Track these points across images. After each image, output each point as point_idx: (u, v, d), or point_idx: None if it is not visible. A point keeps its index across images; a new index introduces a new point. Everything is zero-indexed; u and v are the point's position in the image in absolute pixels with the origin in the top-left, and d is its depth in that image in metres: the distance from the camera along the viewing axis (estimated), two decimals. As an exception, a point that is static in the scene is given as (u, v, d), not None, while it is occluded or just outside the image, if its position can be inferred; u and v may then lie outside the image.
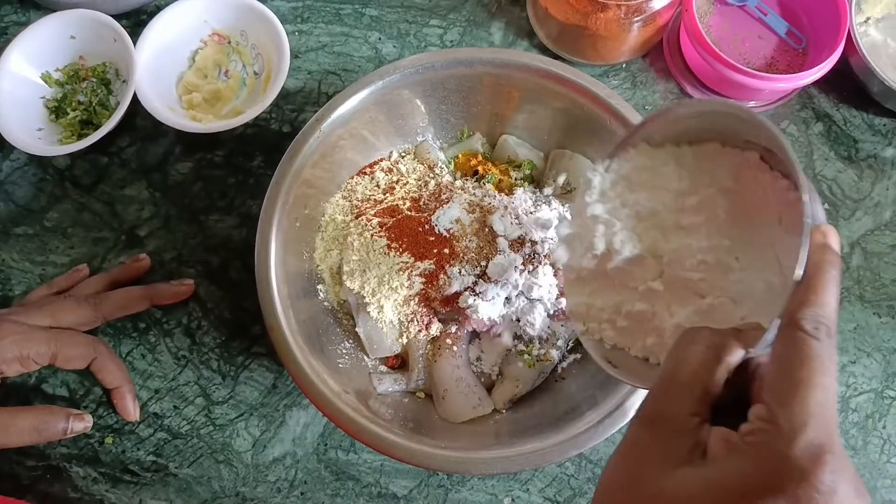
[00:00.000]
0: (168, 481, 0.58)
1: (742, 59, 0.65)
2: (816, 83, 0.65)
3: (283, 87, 0.64)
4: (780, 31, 0.67)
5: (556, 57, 0.67)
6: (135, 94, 0.62)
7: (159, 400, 0.60)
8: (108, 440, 0.59)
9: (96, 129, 0.62)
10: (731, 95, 0.65)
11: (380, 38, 0.69)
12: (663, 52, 0.68)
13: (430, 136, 0.62)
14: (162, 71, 0.66)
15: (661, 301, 0.39)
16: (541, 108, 0.59)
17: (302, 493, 0.57)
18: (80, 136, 0.64)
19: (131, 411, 0.58)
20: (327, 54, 0.68)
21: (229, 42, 0.68)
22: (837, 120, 0.67)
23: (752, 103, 0.66)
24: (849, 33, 0.62)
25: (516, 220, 0.55)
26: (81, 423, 0.55)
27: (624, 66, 0.68)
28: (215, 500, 0.57)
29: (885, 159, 0.66)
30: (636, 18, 0.61)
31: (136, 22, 0.69)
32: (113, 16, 0.64)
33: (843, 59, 0.63)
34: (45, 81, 0.66)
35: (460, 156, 0.62)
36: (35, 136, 0.64)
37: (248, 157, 0.65)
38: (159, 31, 0.65)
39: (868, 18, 0.67)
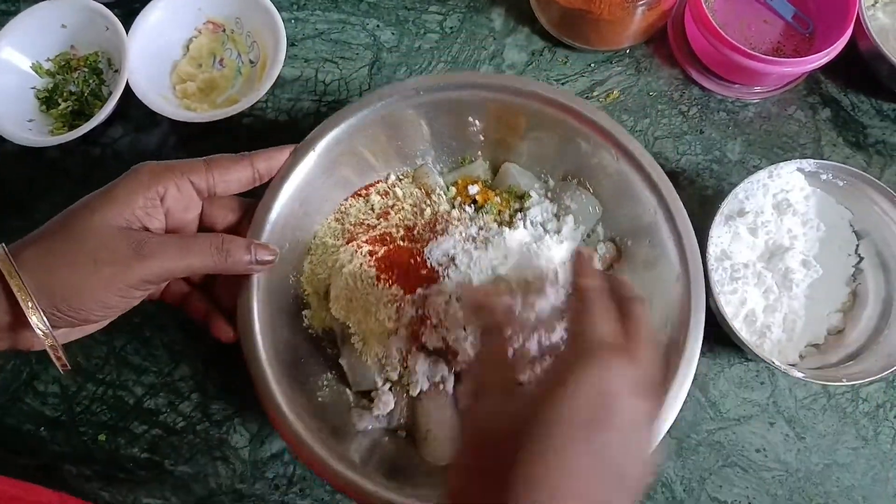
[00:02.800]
0: (163, 479, 0.56)
1: (748, 44, 0.64)
2: (824, 68, 0.64)
3: (279, 76, 0.63)
4: (787, 15, 0.65)
5: (557, 43, 0.66)
6: (127, 84, 0.61)
7: (154, 396, 0.58)
8: (102, 437, 0.57)
9: (88, 119, 0.61)
10: (738, 80, 0.64)
11: (378, 26, 0.67)
12: (668, 38, 0.66)
13: (431, 160, 0.59)
14: (155, 60, 0.64)
15: None
16: (546, 137, 0.56)
17: (301, 490, 0.56)
18: (72, 127, 0.62)
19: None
20: (324, 42, 0.67)
21: (224, 30, 0.67)
22: (845, 105, 0.65)
23: (758, 88, 0.65)
24: (857, 17, 0.61)
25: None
26: (266, 252, 0.48)
27: (627, 51, 0.66)
28: (212, 497, 0.56)
29: (894, 145, 0.64)
30: (640, 2, 0.59)
31: (128, 10, 0.67)
32: (105, 4, 0.63)
33: (851, 44, 0.62)
34: (36, 72, 0.65)
35: (460, 181, 0.58)
36: (26, 127, 0.63)
37: (244, 147, 0.63)
38: (152, 19, 0.64)
39: (876, 2, 0.65)
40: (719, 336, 0.55)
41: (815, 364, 0.57)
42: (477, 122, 0.57)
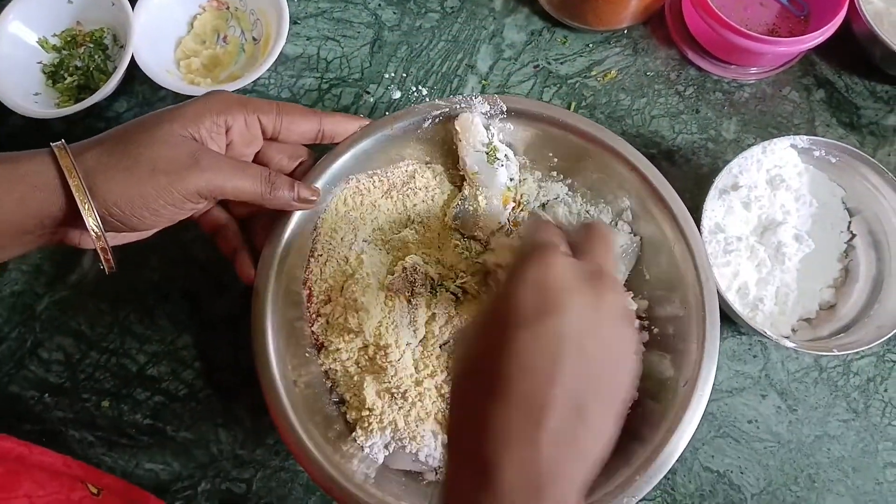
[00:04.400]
0: (165, 444, 0.57)
1: (744, 25, 0.64)
2: (818, 50, 0.65)
3: (282, 53, 0.64)
4: (782, -3, 0.67)
5: (556, 23, 0.67)
6: (132, 60, 0.62)
7: (157, 364, 0.59)
8: (105, 404, 0.58)
9: (93, 93, 0.62)
10: (733, 61, 0.65)
11: (379, 4, 0.68)
12: (665, 18, 0.67)
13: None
14: (160, 36, 0.65)
15: None
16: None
17: (301, 456, 0.57)
18: (78, 101, 0.63)
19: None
20: (326, 20, 0.68)
21: (228, 7, 0.67)
22: (839, 87, 0.66)
23: (753, 69, 0.66)
24: (851, 0, 0.62)
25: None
26: (309, 192, 0.49)
27: (625, 32, 0.67)
28: (213, 462, 0.57)
29: (887, 126, 0.65)
30: (638, -18, 0.61)
31: (133, -13, 0.68)
32: (110, -21, 0.64)
33: (846, 26, 0.63)
34: (42, 47, 0.66)
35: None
36: (32, 100, 0.64)
37: (247, 123, 0.65)
38: (157, -5, 0.65)
39: (870, -15, 0.66)
40: (713, 309, 0.56)
41: (807, 338, 0.58)
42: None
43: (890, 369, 0.60)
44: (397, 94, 0.66)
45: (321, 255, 0.54)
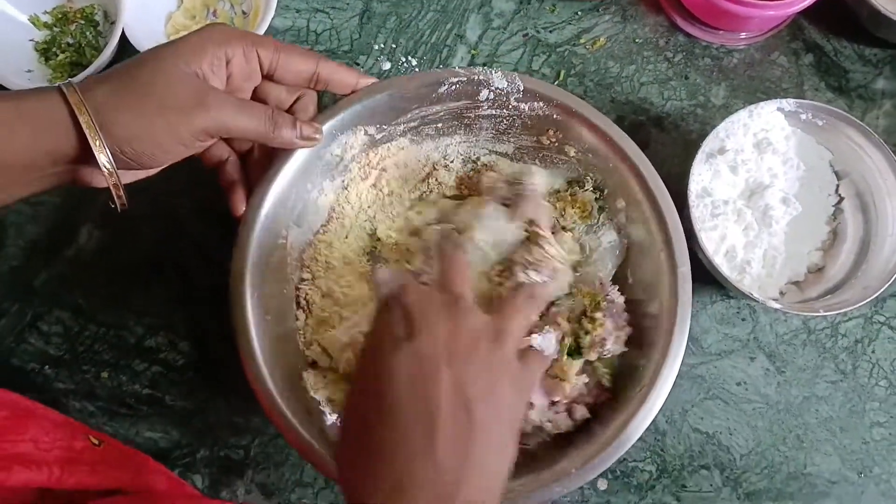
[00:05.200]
0: (164, 413, 0.58)
1: (732, -10, 0.65)
2: (807, 13, 0.65)
3: (271, 26, 0.64)
4: (771, -39, 0.66)
5: (545, -9, 0.67)
6: (123, 36, 0.62)
7: (154, 335, 0.60)
8: (104, 375, 0.59)
9: (85, 69, 0.62)
10: (722, 26, 0.65)
11: (368, -24, 0.68)
12: (653, -15, 0.67)
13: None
14: (150, 11, 0.66)
15: None
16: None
17: (297, 423, 0.58)
18: (70, 77, 0.64)
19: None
20: (315, -8, 0.68)
21: (217, -19, 0.68)
22: (828, 51, 0.66)
23: (742, 35, 0.66)
24: (839, -39, 0.62)
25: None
26: (311, 130, 0.50)
27: (614, -1, 0.67)
28: (210, 430, 0.58)
29: (875, 90, 0.65)
30: (625, -53, 0.60)
31: (122, -37, 0.68)
32: (99, -45, 0.64)
33: (834, -11, 0.63)
34: (34, 24, 0.66)
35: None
36: (25, 77, 0.64)
37: (238, 97, 0.65)
38: (147, -29, 0.65)
39: (859, -53, 0.66)
40: (701, 273, 0.57)
41: (796, 300, 0.58)
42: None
43: (877, 331, 0.60)
44: (387, 66, 0.66)
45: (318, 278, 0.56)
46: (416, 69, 0.66)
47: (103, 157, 0.42)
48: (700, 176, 0.58)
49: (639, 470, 0.58)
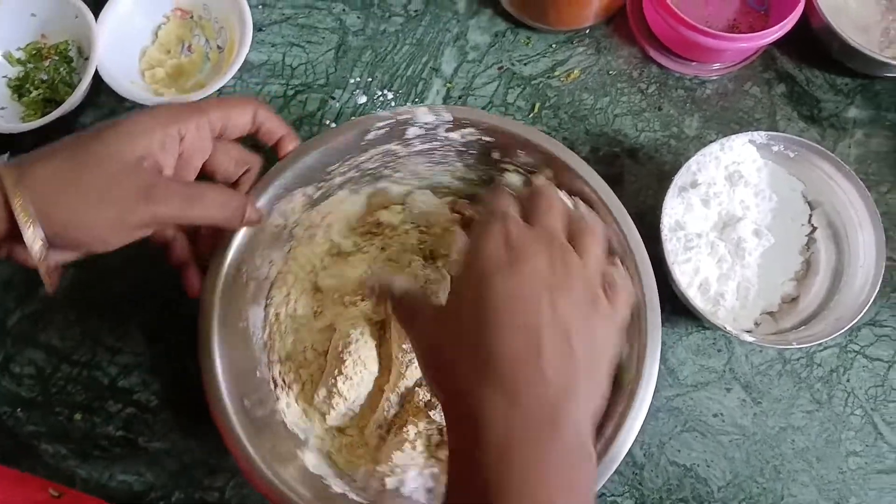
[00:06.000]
0: (138, 455, 0.58)
1: (704, 21, 0.65)
2: (779, 45, 0.65)
3: (247, 61, 0.64)
4: (742, -7, 0.67)
5: (519, 24, 0.68)
6: (97, 72, 0.62)
7: (128, 375, 0.59)
8: (77, 416, 0.58)
9: (59, 106, 0.62)
10: (695, 58, 0.66)
11: (343, 10, 0.69)
12: (627, 17, 0.68)
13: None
14: (124, 47, 0.65)
15: None
16: None
17: (273, 462, 0.58)
18: (44, 114, 0.64)
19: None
20: (291, 26, 0.68)
21: (192, 16, 0.68)
22: (800, 80, 0.67)
23: (715, 66, 0.66)
24: (809, -6, 0.63)
25: None
26: (256, 214, 0.49)
27: (588, 31, 0.68)
28: (185, 471, 0.57)
29: (848, 119, 0.66)
30: (596, -18, 0.61)
31: (97, -2, 0.68)
32: (72, -8, 0.64)
33: (805, 21, 0.64)
34: (7, 60, 0.66)
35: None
36: (-3, 114, 0.64)
37: (213, 132, 0.65)
38: (121, 6, 0.65)
39: (828, -21, 0.67)
40: (676, 306, 0.57)
41: (770, 330, 0.59)
42: None
43: (852, 360, 0.61)
44: (363, 99, 0.66)
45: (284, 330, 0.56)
46: (393, 103, 0.66)
47: (31, 238, 0.40)
48: (673, 210, 0.58)
49: (617, 504, 0.58)
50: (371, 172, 0.56)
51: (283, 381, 0.55)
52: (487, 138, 0.53)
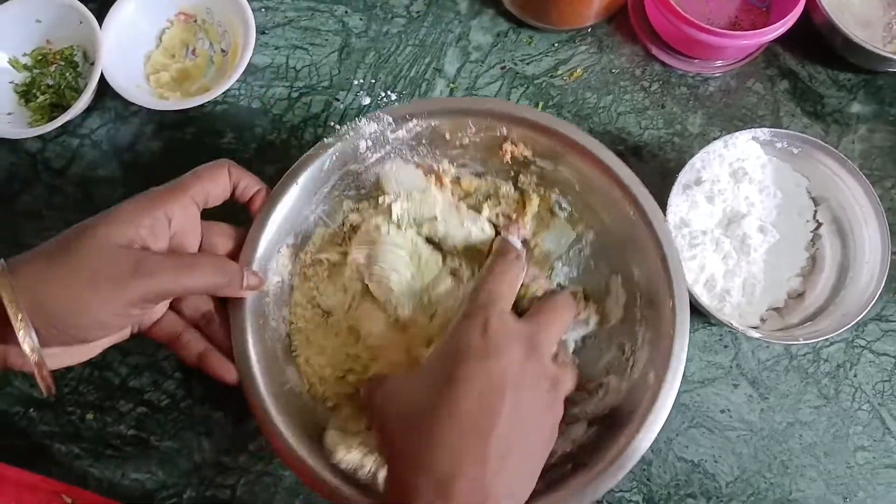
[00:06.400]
0: (150, 454, 0.58)
1: (706, 19, 0.66)
2: (781, 41, 0.66)
3: (251, 64, 0.65)
4: (744, -10, 0.67)
5: (521, 23, 0.68)
6: (103, 76, 0.62)
7: (138, 376, 0.60)
8: (90, 416, 0.59)
9: (66, 111, 0.62)
10: (697, 55, 0.66)
11: (346, 12, 0.69)
12: (629, 15, 0.68)
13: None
14: (129, 51, 0.66)
15: None
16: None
17: (282, 461, 0.58)
18: (51, 119, 0.64)
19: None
20: (294, 29, 0.69)
21: (196, 20, 0.68)
22: (803, 77, 0.67)
23: (718, 63, 0.66)
24: (811, -10, 0.63)
25: None
26: (255, 279, 0.49)
27: (590, 30, 0.68)
28: (197, 470, 0.58)
29: (851, 114, 0.66)
30: (598, -19, 0.61)
31: (101, 4, 0.68)
32: (78, -2, 0.64)
33: (807, 17, 0.64)
34: (13, 66, 0.66)
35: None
36: (5, 120, 0.64)
37: (219, 135, 0.66)
38: (125, 11, 0.65)
39: (830, -26, 0.67)
40: (682, 302, 0.57)
41: (777, 326, 0.59)
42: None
43: (859, 355, 0.61)
44: (367, 101, 0.67)
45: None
46: (396, 103, 0.66)
47: (23, 334, 0.40)
48: (677, 207, 0.58)
49: (625, 500, 0.58)
50: (337, 198, 0.56)
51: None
52: (434, 122, 0.53)
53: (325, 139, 0.52)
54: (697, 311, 0.57)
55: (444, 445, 0.39)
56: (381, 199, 0.55)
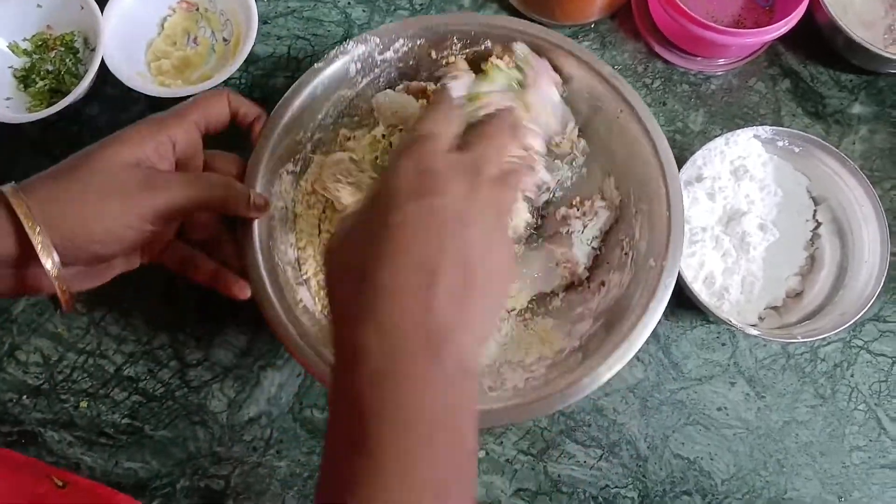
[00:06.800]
0: (143, 443, 0.58)
1: (709, 17, 0.66)
2: (783, 40, 0.66)
3: (252, 53, 0.65)
4: (747, -11, 0.67)
5: (525, 19, 0.68)
6: (104, 63, 0.62)
7: (133, 364, 0.60)
8: (83, 404, 0.59)
9: (65, 97, 0.62)
10: (700, 53, 0.66)
11: (349, 3, 0.69)
12: (632, 12, 0.68)
13: None
14: (130, 38, 0.66)
15: None
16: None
17: (278, 452, 0.58)
18: (50, 105, 0.64)
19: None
20: (296, 19, 0.68)
21: (198, 9, 0.68)
22: (805, 76, 0.67)
23: (721, 61, 0.66)
24: (814, -10, 0.63)
25: None
26: (261, 198, 0.50)
27: (593, 26, 0.68)
28: (190, 460, 0.58)
29: (852, 115, 0.66)
30: (602, -24, 0.61)
31: (104, -10, 0.68)
32: (80, -17, 0.64)
33: (809, 16, 0.64)
34: (13, 51, 0.66)
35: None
36: (4, 104, 0.64)
37: (220, 123, 0.65)
38: (127, -2, 0.65)
39: (834, -25, 0.67)
40: (681, 299, 0.57)
41: (775, 325, 0.59)
42: None
43: (856, 355, 0.61)
44: (368, 92, 0.66)
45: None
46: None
47: (41, 247, 0.41)
48: (678, 203, 0.58)
49: (621, 496, 0.58)
50: (332, 127, 0.58)
51: None
52: (420, 41, 0.55)
53: (315, 64, 0.54)
54: (696, 308, 0.57)
55: (384, 289, 0.36)
56: (375, 132, 0.57)
